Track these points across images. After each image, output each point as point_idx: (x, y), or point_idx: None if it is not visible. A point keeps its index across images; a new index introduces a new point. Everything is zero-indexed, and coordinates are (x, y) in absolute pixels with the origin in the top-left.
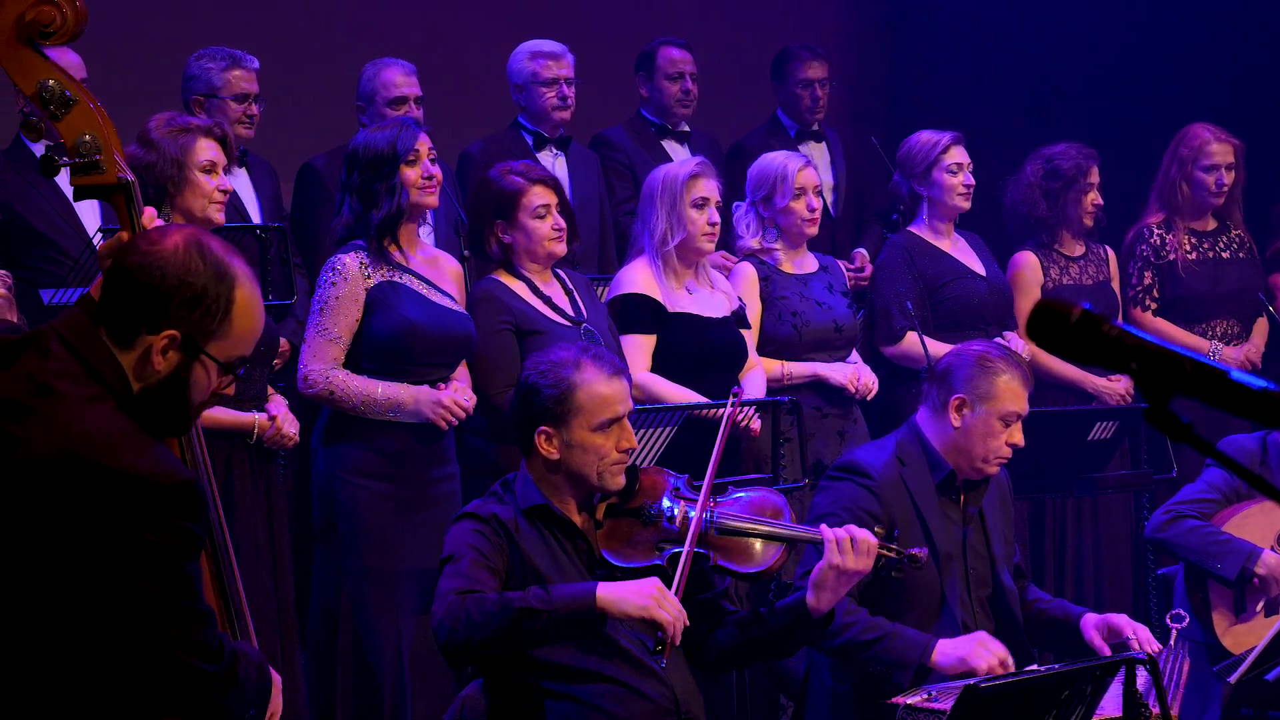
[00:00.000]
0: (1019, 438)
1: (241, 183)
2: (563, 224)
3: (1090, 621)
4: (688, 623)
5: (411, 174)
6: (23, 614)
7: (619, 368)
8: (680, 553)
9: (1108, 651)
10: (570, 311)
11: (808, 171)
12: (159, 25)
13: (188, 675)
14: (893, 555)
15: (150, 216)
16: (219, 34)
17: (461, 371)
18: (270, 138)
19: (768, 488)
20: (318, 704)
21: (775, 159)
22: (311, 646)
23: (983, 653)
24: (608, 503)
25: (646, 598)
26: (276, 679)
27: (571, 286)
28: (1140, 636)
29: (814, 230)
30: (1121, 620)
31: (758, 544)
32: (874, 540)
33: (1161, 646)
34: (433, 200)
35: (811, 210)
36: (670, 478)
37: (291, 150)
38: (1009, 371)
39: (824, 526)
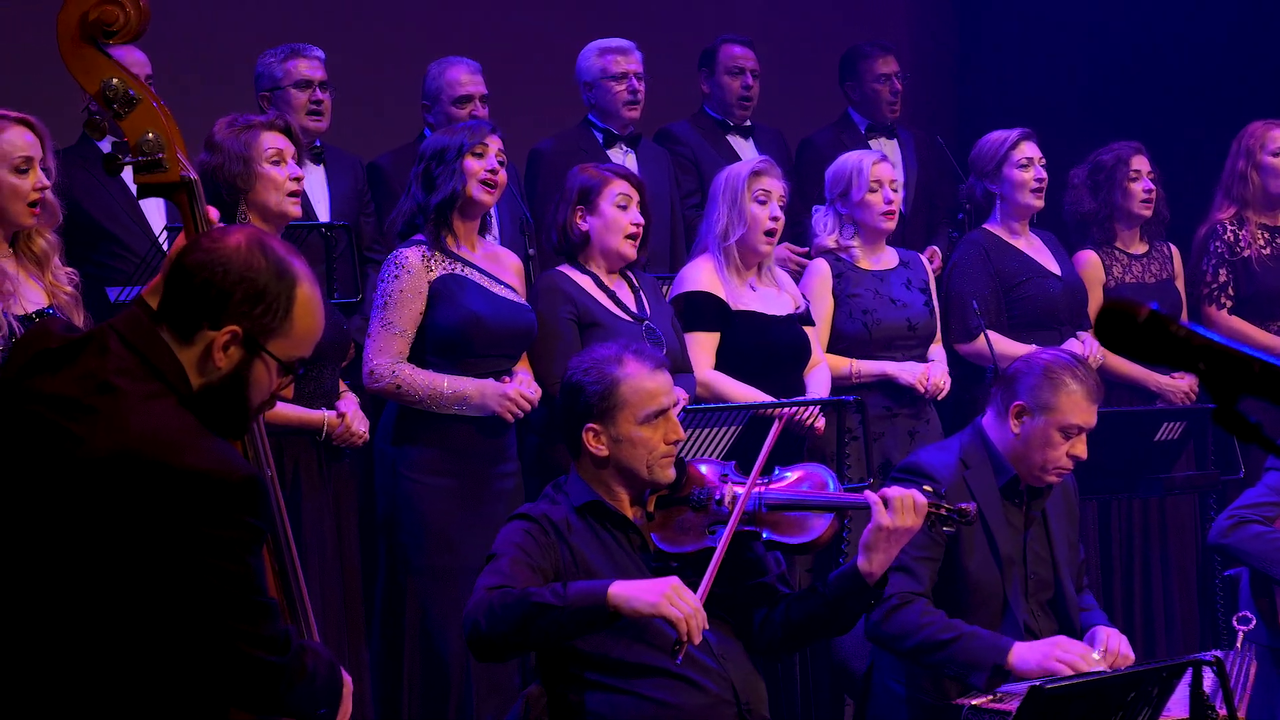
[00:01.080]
0: (1081, 450)
1: (315, 179)
2: (641, 221)
3: (1088, 636)
4: (705, 624)
5: (475, 164)
6: (87, 609)
7: (662, 361)
8: (733, 533)
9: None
10: (634, 309)
11: (883, 165)
12: (230, 28)
13: (253, 668)
14: (942, 512)
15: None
16: (286, 35)
17: (522, 365)
18: (336, 137)
19: (814, 463)
20: (384, 701)
21: (851, 156)
22: (377, 643)
23: (1063, 657)
24: (658, 494)
25: (658, 595)
26: (348, 682)
27: (639, 285)
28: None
29: (891, 224)
30: (1095, 632)
31: (807, 515)
32: (922, 499)
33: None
34: (490, 198)
35: (888, 203)
36: (717, 465)
37: (357, 150)
38: (1074, 384)
39: (869, 491)
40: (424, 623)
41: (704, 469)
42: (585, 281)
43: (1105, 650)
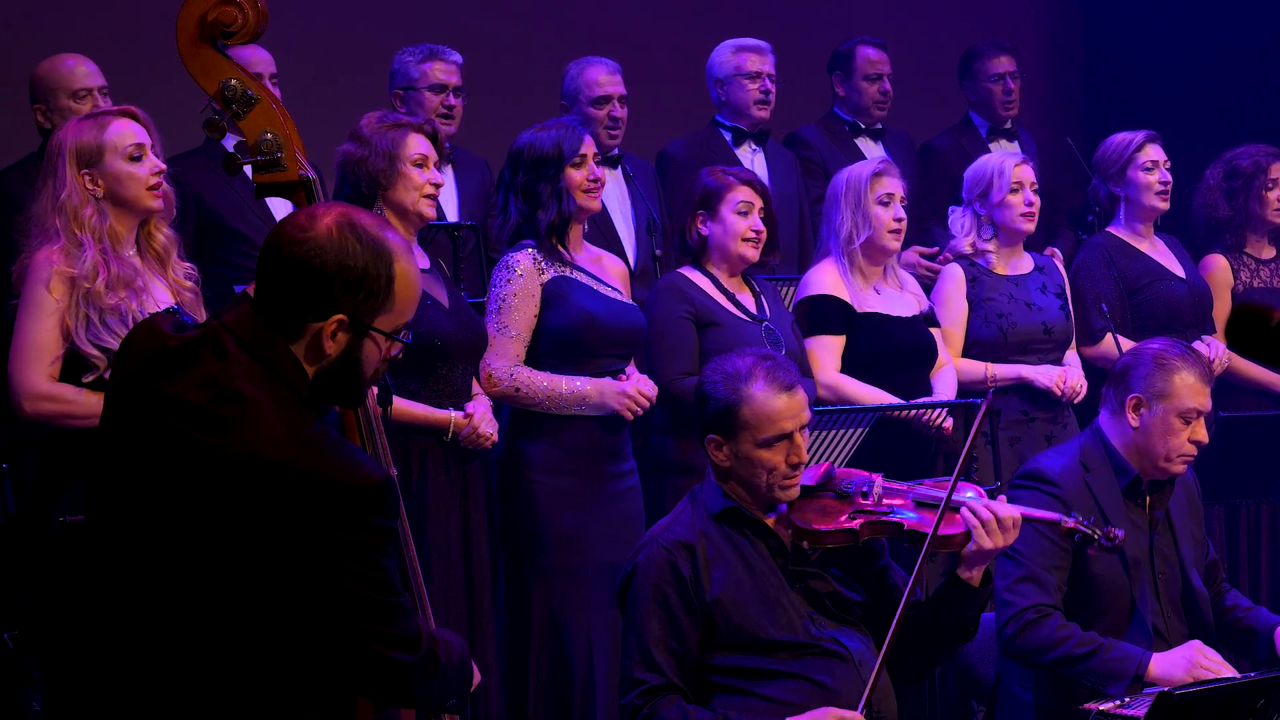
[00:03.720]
0: (1202, 434)
1: (444, 180)
2: (761, 228)
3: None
4: None
5: (577, 176)
6: (223, 611)
7: (794, 381)
8: (875, 521)
9: None
10: (753, 309)
11: (1025, 168)
12: (362, 24)
13: (387, 667)
14: (1087, 531)
15: None
16: (416, 33)
17: (631, 366)
18: (471, 137)
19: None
20: (510, 699)
21: (993, 156)
22: (502, 642)
23: (1206, 663)
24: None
25: None
26: (477, 675)
27: (759, 289)
28: None
29: (1031, 226)
30: None
31: (951, 513)
32: (1015, 513)
33: None
34: (595, 204)
35: (1028, 205)
36: (864, 473)
37: (485, 150)
38: (1185, 368)
39: (965, 510)
40: (550, 622)
41: (848, 470)
42: (704, 283)
43: None
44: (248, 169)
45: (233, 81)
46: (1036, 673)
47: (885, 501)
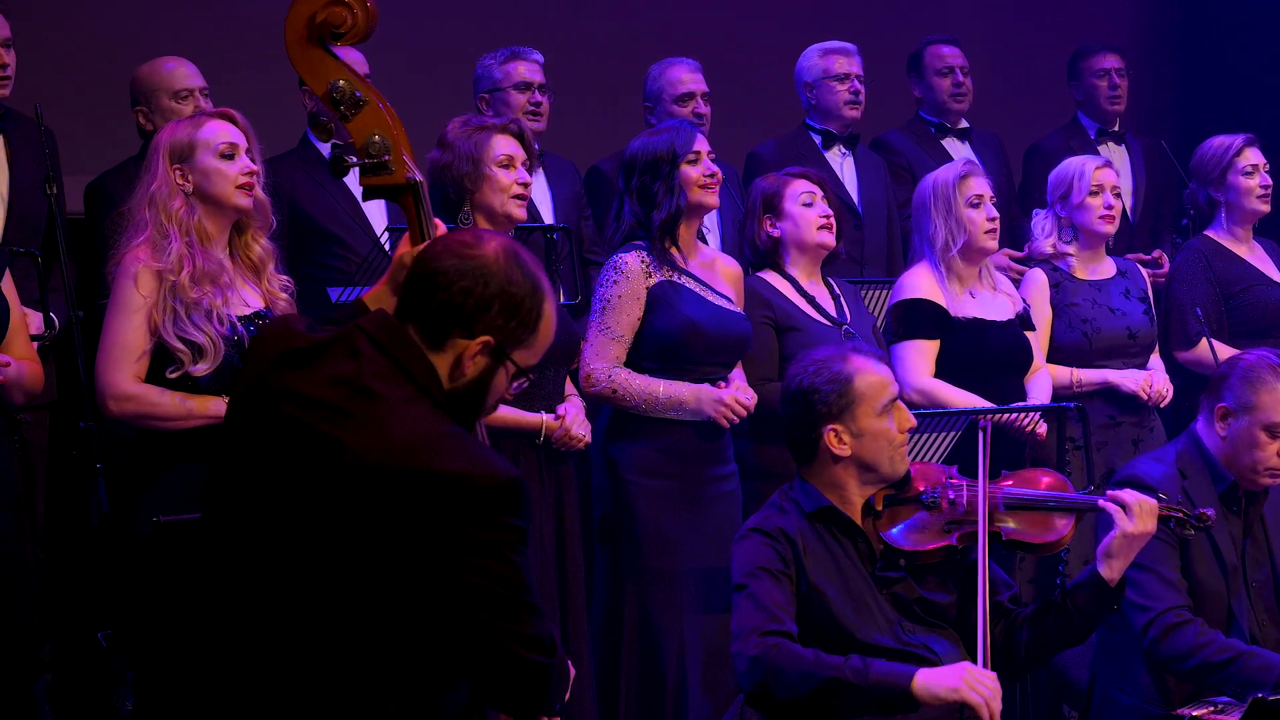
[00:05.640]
0: None
1: (537, 184)
2: (829, 213)
3: None
4: (1000, 705)
5: (693, 172)
6: (359, 611)
7: (879, 354)
8: (971, 531)
9: None
10: (833, 313)
11: (1106, 171)
12: (447, 29)
13: (524, 669)
14: (1180, 515)
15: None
16: (504, 38)
17: (737, 372)
18: (558, 142)
19: (1044, 467)
20: (602, 701)
21: (1075, 159)
22: (595, 644)
23: None
24: (884, 493)
25: (959, 680)
26: (571, 671)
27: (839, 292)
28: None
29: (1111, 229)
30: None
31: (1050, 515)
32: (1154, 502)
33: None
34: (713, 200)
35: (1108, 208)
36: (940, 467)
37: (574, 153)
38: (1275, 380)
39: (1104, 498)
40: (643, 624)
41: (927, 469)
42: (784, 286)
43: None
44: (354, 171)
45: (341, 83)
46: (1136, 675)
47: (977, 506)
